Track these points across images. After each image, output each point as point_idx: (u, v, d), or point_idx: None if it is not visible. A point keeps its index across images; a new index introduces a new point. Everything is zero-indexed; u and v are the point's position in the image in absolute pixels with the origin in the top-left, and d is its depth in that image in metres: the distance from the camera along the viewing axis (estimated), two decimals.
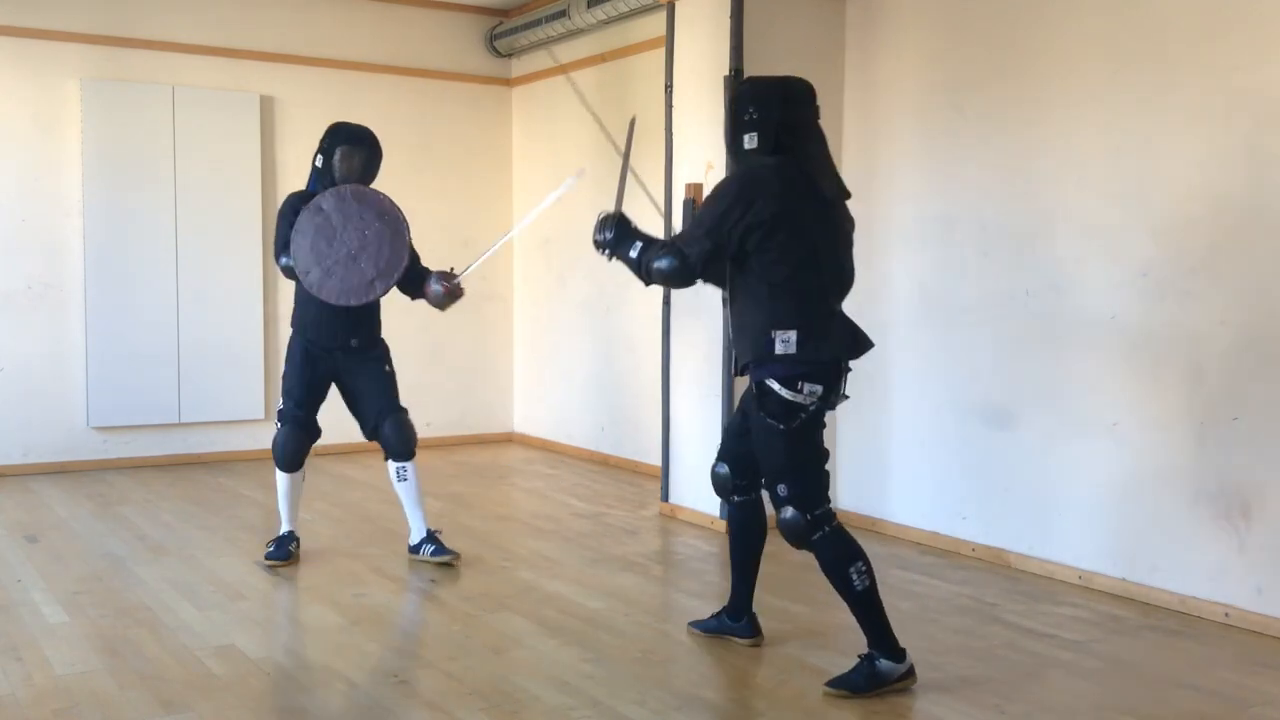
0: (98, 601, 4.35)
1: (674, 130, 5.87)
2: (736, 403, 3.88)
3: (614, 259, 3.66)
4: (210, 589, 4.54)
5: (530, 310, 8.40)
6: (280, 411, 4.91)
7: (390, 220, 4.65)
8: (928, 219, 5.38)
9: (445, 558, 4.91)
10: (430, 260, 7.68)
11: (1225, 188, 4.20)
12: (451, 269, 4.87)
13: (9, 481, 6.71)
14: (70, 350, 7.04)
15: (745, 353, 3.52)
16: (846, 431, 5.82)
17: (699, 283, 3.63)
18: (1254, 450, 4.13)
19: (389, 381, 4.95)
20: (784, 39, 5.62)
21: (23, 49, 6.85)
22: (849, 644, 3.95)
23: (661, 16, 6.13)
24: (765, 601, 4.43)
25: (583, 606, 4.36)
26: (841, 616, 4.28)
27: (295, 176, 7.63)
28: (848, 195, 3.60)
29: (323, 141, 4.88)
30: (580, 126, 7.70)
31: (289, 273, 4.68)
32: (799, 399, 3.41)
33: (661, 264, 3.49)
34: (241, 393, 7.47)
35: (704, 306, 5.70)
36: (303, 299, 4.83)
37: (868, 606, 3.48)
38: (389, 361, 4.97)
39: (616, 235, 3.63)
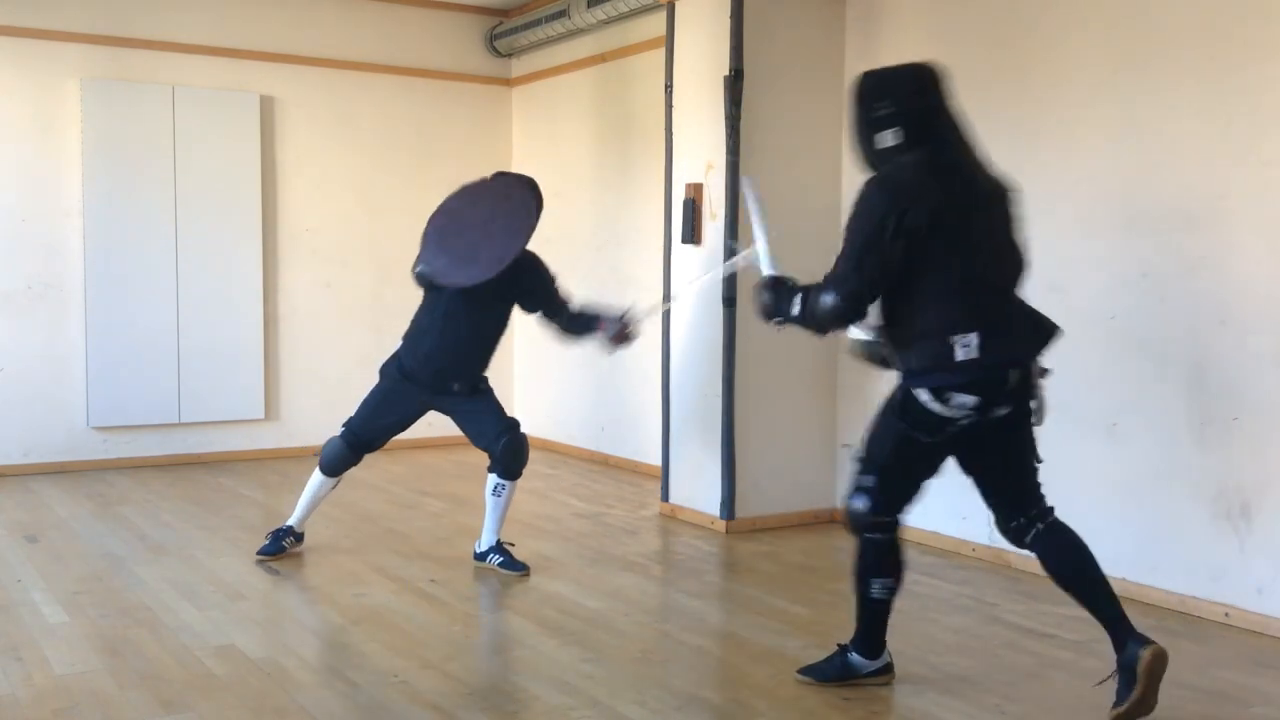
0: (98, 601, 4.35)
1: (674, 130, 5.86)
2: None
3: (785, 324, 3.39)
4: (210, 589, 4.54)
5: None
6: (348, 420, 4.88)
7: (518, 200, 4.65)
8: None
9: (512, 571, 4.80)
10: None
11: (1225, 187, 4.20)
12: (629, 312, 4.73)
13: (9, 481, 6.71)
14: (70, 350, 7.03)
15: (915, 361, 3.19)
16: (846, 431, 5.82)
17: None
18: (1254, 450, 4.13)
19: (498, 405, 4.85)
20: (784, 39, 5.62)
21: (23, 49, 6.85)
22: None
23: (661, 16, 6.13)
24: (765, 601, 4.44)
25: (583, 606, 4.36)
26: (842, 617, 4.28)
27: (295, 176, 7.66)
28: (999, 179, 3.30)
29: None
30: (580, 127, 7.70)
31: (422, 280, 4.64)
32: (945, 411, 3.13)
33: (825, 303, 3.20)
34: (241, 393, 7.47)
35: (705, 306, 5.70)
36: (421, 329, 4.73)
37: (871, 614, 3.45)
38: (489, 387, 4.88)
39: (775, 297, 3.37)
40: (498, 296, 4.68)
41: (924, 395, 3.16)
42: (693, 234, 5.70)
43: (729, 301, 5.52)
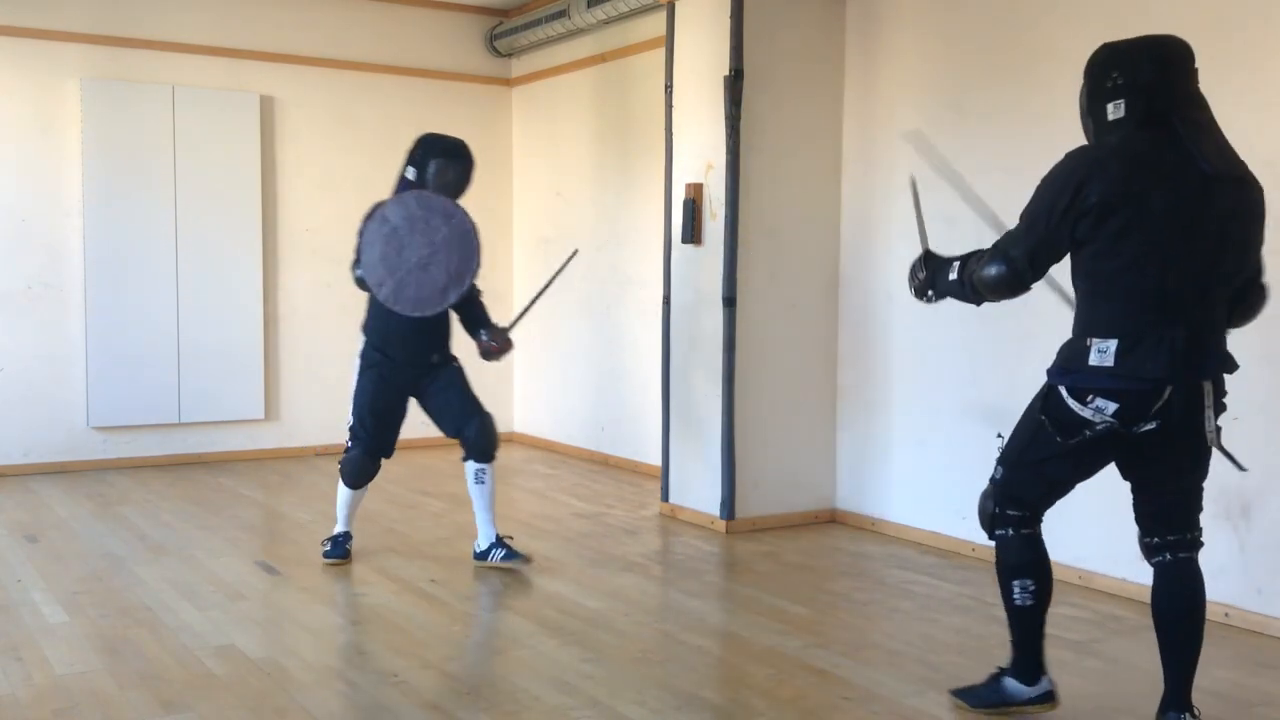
0: (98, 601, 4.35)
1: (674, 130, 5.86)
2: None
3: (939, 298, 3.29)
4: (210, 589, 4.54)
5: (530, 310, 8.38)
6: (351, 429, 4.84)
7: (457, 224, 4.60)
8: (928, 219, 5.36)
9: (515, 563, 4.82)
10: None
11: None
12: (497, 325, 5.02)
13: (9, 481, 6.71)
14: (70, 350, 7.04)
15: (1060, 358, 3.08)
16: (846, 431, 5.82)
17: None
18: (1254, 450, 4.12)
19: (468, 385, 4.97)
20: (784, 39, 5.62)
21: (23, 49, 6.85)
22: (849, 644, 3.96)
23: (661, 16, 6.13)
24: (765, 601, 4.43)
25: (583, 606, 4.36)
26: (841, 617, 4.28)
27: (295, 176, 7.65)
28: (1238, 168, 3.02)
29: (414, 153, 4.81)
30: (580, 127, 7.70)
31: (362, 284, 4.60)
32: (1084, 413, 2.96)
33: (987, 272, 3.07)
34: (241, 393, 7.47)
35: (705, 306, 5.70)
36: (382, 314, 4.72)
37: (1020, 622, 3.26)
38: (459, 364, 4.98)
39: (931, 270, 3.29)
40: None
41: (1063, 392, 3.01)
42: (693, 234, 5.70)
43: (729, 301, 5.52)
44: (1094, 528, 4.65)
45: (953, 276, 3.20)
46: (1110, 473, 4.56)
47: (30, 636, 3.93)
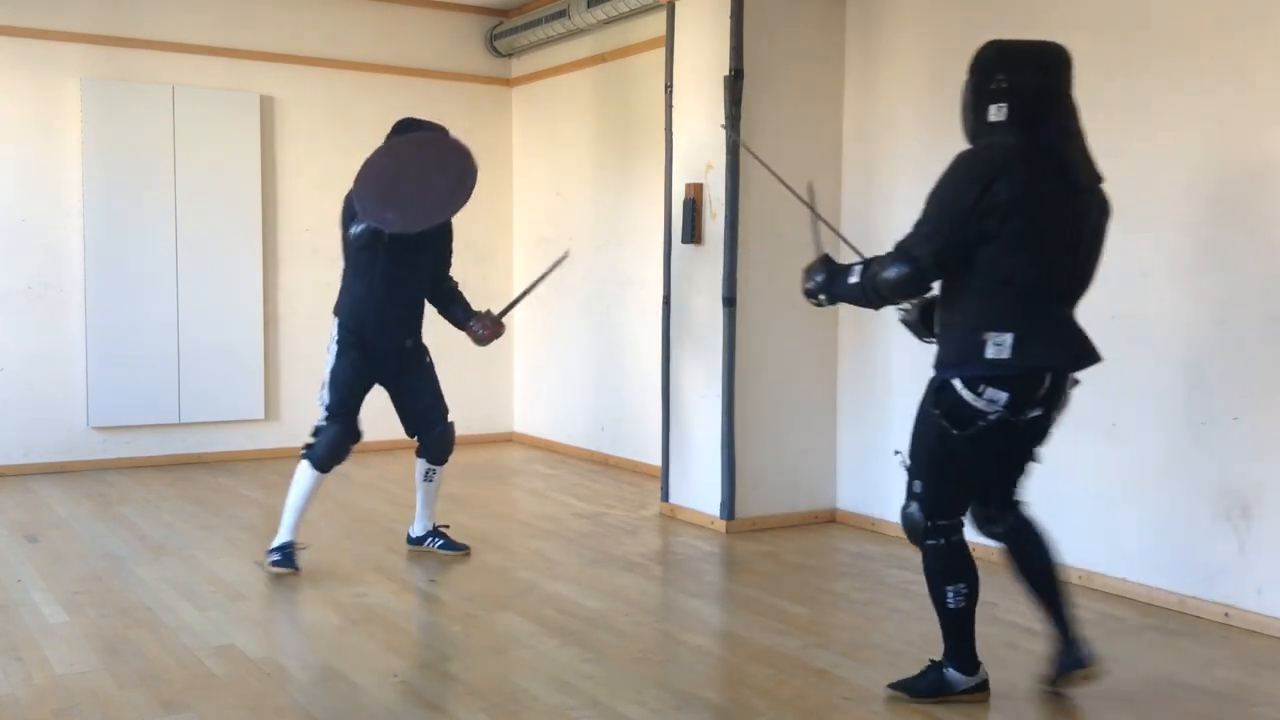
0: (98, 601, 4.35)
1: (674, 130, 5.86)
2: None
3: (835, 301, 3.38)
4: (210, 589, 4.54)
5: (530, 310, 8.39)
6: (328, 407, 4.70)
7: (441, 143, 4.61)
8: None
9: (458, 551, 5.02)
10: None
11: (1225, 188, 4.20)
12: (489, 310, 5.03)
13: (9, 481, 6.71)
14: (70, 350, 7.04)
15: (948, 354, 3.17)
16: (846, 431, 5.82)
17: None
18: (1254, 450, 4.13)
19: (437, 383, 4.99)
20: (784, 39, 5.62)
21: (23, 49, 6.85)
22: (849, 644, 3.95)
23: (661, 16, 6.13)
24: (765, 601, 4.44)
25: (583, 606, 4.36)
26: (841, 617, 4.28)
27: (295, 176, 7.65)
28: (1100, 180, 3.17)
29: (392, 135, 4.84)
30: (580, 127, 7.70)
31: (366, 238, 4.45)
32: (977, 403, 3.08)
33: (889, 274, 3.14)
34: (241, 393, 7.47)
35: (705, 306, 5.70)
36: (359, 295, 4.71)
37: (956, 624, 3.34)
38: (430, 358, 5.00)
39: (828, 275, 3.36)
40: (424, 253, 4.79)
41: (957, 384, 3.12)
42: (693, 234, 5.70)
43: (729, 301, 5.53)
44: (1094, 528, 4.65)
45: (853, 280, 3.28)
46: (1109, 475, 4.58)
47: (30, 636, 3.93)
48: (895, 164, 5.51)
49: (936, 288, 3.29)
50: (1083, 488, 4.70)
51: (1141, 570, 4.48)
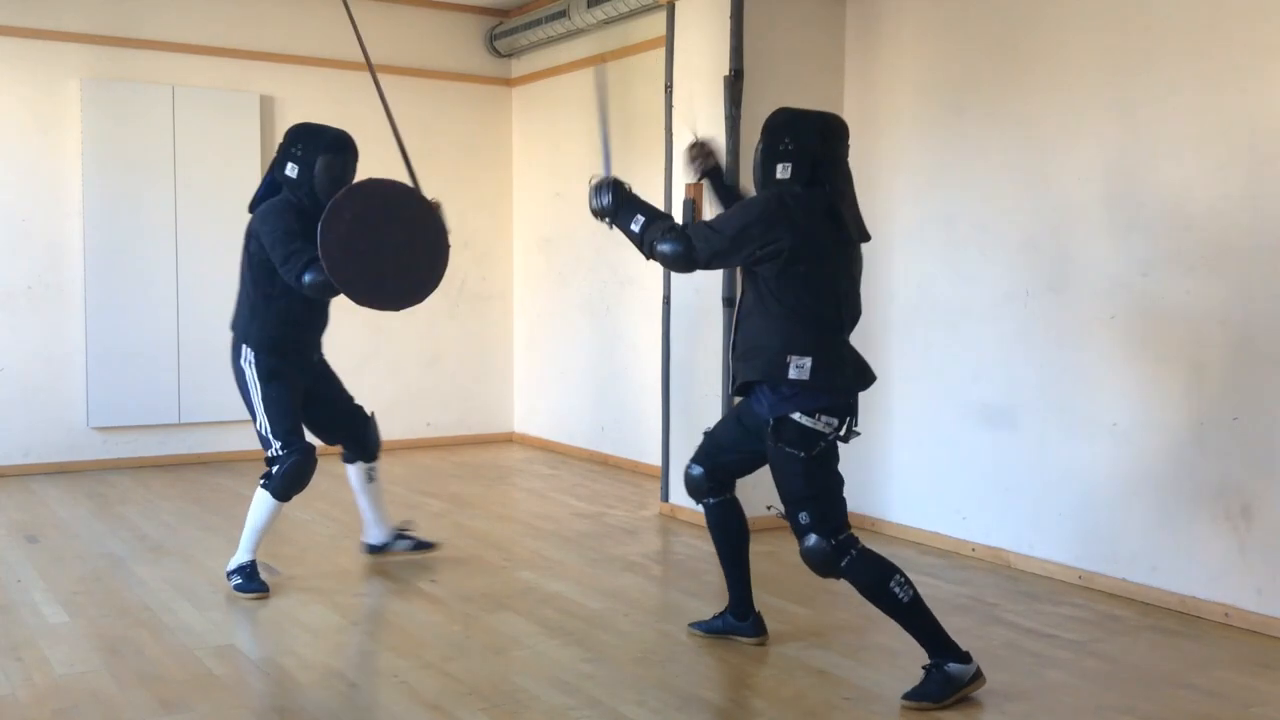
0: (98, 601, 4.35)
1: (674, 130, 5.86)
2: (727, 413, 3.86)
3: (614, 227, 3.65)
4: (210, 589, 4.54)
5: (530, 310, 8.40)
6: (278, 437, 4.43)
7: (420, 220, 4.48)
8: (928, 219, 5.38)
9: (429, 549, 5.05)
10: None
11: (1225, 188, 4.20)
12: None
13: (9, 481, 6.71)
14: (70, 350, 7.04)
15: (753, 372, 3.50)
16: None
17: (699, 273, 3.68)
18: (1254, 450, 4.13)
19: (343, 386, 4.87)
20: (784, 39, 5.62)
21: (23, 49, 6.85)
22: (849, 644, 3.96)
23: (661, 16, 6.13)
24: (765, 601, 4.43)
25: (583, 606, 4.36)
26: (841, 617, 4.28)
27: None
28: (866, 238, 3.60)
29: (294, 148, 4.58)
30: (580, 126, 7.70)
31: (319, 289, 4.28)
32: (817, 426, 3.43)
33: (666, 248, 3.52)
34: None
35: (705, 306, 5.70)
36: (277, 320, 4.47)
37: (917, 616, 3.43)
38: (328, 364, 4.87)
39: (615, 200, 3.61)
40: None
41: (797, 417, 3.44)
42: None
43: (729, 301, 5.52)
44: (1094, 528, 4.65)
45: (634, 227, 3.59)
46: (1110, 475, 4.58)
47: (30, 636, 3.93)
48: (895, 163, 5.51)
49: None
50: (1083, 488, 4.70)
51: (1141, 570, 4.48)
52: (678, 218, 5.83)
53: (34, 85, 6.90)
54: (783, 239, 3.39)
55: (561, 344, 8.00)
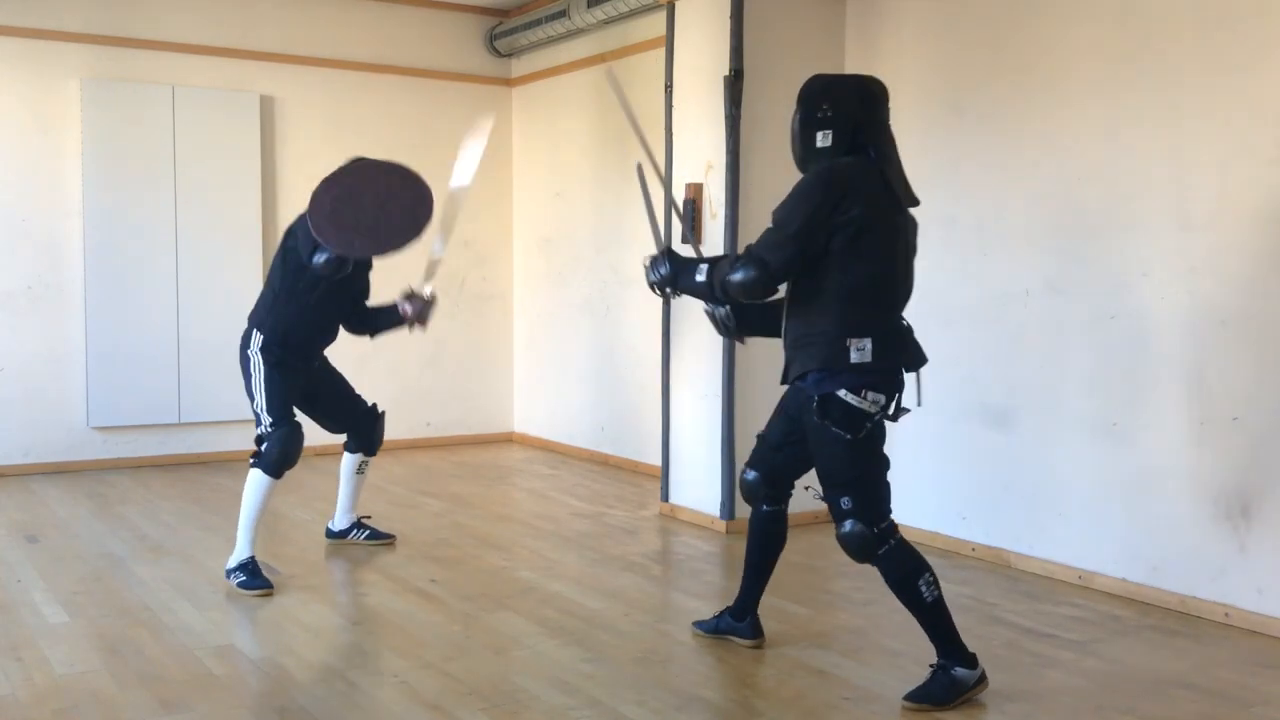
0: (98, 601, 4.35)
1: (674, 130, 5.87)
2: (774, 411, 3.74)
3: (678, 294, 3.59)
4: (210, 589, 4.54)
5: (530, 310, 8.40)
6: (269, 413, 4.63)
7: (391, 170, 4.68)
8: (928, 219, 5.33)
9: (385, 540, 5.25)
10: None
11: (1224, 187, 4.20)
12: (409, 288, 4.88)
13: (9, 481, 6.71)
14: (70, 350, 7.04)
15: (811, 360, 3.36)
16: None
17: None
18: (1254, 450, 4.13)
19: (348, 383, 5.10)
20: (784, 39, 5.62)
21: (23, 49, 6.85)
22: (849, 645, 3.96)
23: (661, 16, 6.13)
24: (765, 601, 4.42)
25: (583, 606, 4.36)
26: (842, 617, 4.29)
27: (295, 176, 7.64)
28: (916, 202, 3.46)
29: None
30: (580, 126, 7.70)
31: (333, 266, 4.46)
32: (864, 405, 3.30)
33: (739, 276, 3.34)
34: (241, 393, 7.42)
35: (705, 305, 5.69)
36: (290, 320, 4.69)
37: (937, 616, 3.40)
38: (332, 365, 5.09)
39: (674, 268, 3.57)
40: (354, 279, 4.82)
41: (843, 394, 3.31)
42: (693, 234, 5.70)
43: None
44: (1094, 528, 4.65)
45: (700, 279, 3.49)
46: (1109, 475, 4.58)
47: (30, 636, 3.93)
48: None
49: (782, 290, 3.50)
50: (1083, 488, 4.70)
51: (1141, 570, 4.48)
52: (677, 217, 5.83)
53: (34, 85, 6.90)
54: (852, 208, 3.22)
55: (561, 344, 8.00)
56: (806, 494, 3.77)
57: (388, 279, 5.31)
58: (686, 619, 4.19)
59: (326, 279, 4.60)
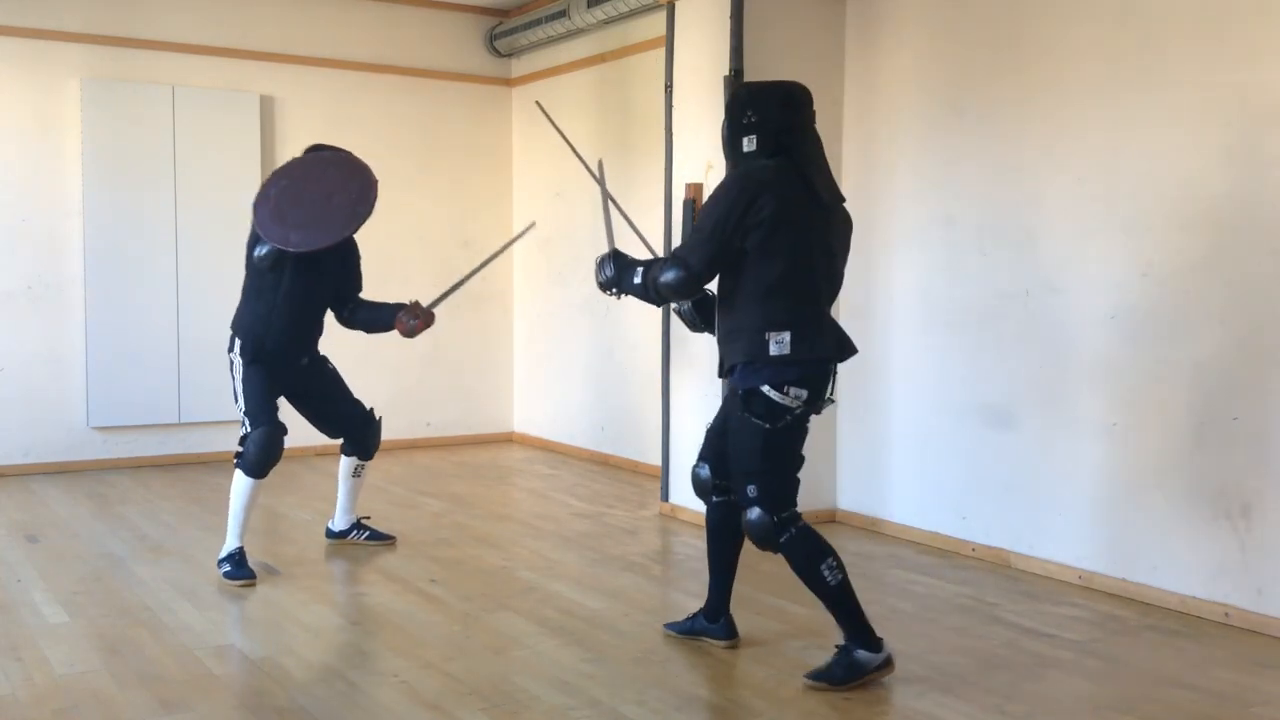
0: (98, 601, 4.35)
1: (674, 130, 5.87)
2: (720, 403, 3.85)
3: (623, 295, 3.69)
4: (210, 589, 4.54)
5: (530, 310, 8.40)
6: (248, 414, 4.68)
7: (340, 162, 4.67)
8: (927, 219, 5.38)
9: (386, 541, 5.24)
10: (435, 261, 7.73)
11: (1224, 187, 4.20)
12: (417, 301, 4.95)
13: (9, 481, 6.71)
14: (70, 350, 7.04)
15: (736, 354, 3.50)
16: (846, 431, 5.82)
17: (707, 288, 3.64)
18: (1254, 450, 4.13)
19: (346, 385, 5.09)
20: (784, 39, 5.62)
21: (23, 49, 6.85)
22: None
23: (661, 16, 6.13)
24: (765, 601, 4.44)
25: (583, 606, 4.36)
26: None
27: None
28: (842, 199, 3.62)
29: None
30: (580, 126, 7.70)
31: (271, 259, 4.51)
32: (785, 401, 3.42)
33: (667, 277, 3.50)
34: None
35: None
36: (259, 314, 4.73)
37: (842, 600, 3.50)
38: (333, 365, 5.10)
39: (617, 269, 3.67)
40: (327, 273, 4.84)
41: (766, 389, 3.42)
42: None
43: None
44: (1094, 528, 4.65)
45: (636, 280, 3.62)
46: (1110, 475, 4.58)
47: (30, 636, 3.93)
48: (895, 163, 5.51)
49: (712, 287, 3.63)
50: (1083, 488, 4.70)
51: (1141, 570, 4.48)
52: (677, 218, 5.84)
53: (34, 85, 6.90)
54: (764, 207, 3.38)
55: (561, 344, 8.00)
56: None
57: (417, 270, 5.30)
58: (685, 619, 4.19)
59: (275, 271, 4.64)
